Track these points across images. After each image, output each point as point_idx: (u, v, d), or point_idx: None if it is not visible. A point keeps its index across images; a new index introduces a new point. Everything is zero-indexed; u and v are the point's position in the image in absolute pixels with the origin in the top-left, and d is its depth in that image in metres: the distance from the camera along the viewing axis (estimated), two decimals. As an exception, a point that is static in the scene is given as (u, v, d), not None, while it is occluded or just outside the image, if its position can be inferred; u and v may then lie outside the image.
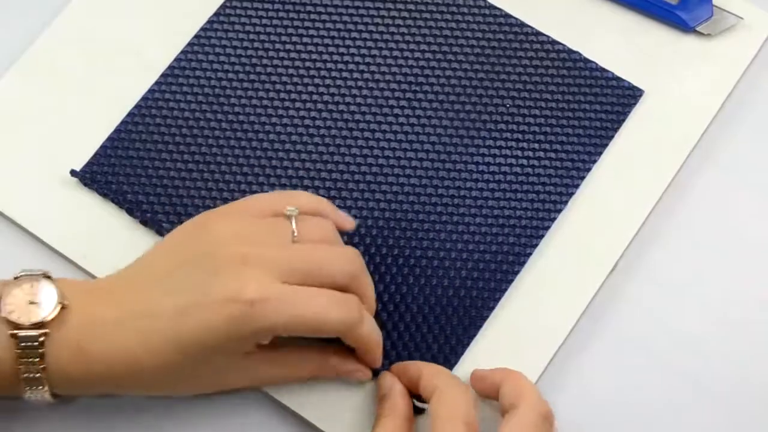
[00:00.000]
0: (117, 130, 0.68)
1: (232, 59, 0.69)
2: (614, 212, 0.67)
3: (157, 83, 0.69)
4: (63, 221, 0.66)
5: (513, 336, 0.64)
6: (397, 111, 0.68)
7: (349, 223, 0.62)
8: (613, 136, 0.68)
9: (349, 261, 0.59)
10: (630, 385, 0.64)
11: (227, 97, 0.68)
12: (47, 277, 0.58)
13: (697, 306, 0.65)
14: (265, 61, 0.69)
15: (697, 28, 0.71)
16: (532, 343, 0.64)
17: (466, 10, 0.71)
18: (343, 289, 0.58)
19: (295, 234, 0.58)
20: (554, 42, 0.70)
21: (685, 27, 0.71)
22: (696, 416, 0.63)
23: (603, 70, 0.69)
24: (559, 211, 0.66)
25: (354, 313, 0.58)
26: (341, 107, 0.68)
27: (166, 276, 0.58)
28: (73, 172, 0.66)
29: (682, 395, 0.64)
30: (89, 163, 0.67)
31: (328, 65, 0.69)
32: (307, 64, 0.69)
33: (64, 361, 0.56)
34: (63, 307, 0.56)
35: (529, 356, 0.63)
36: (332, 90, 0.69)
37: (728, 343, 0.65)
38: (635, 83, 0.70)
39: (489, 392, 0.60)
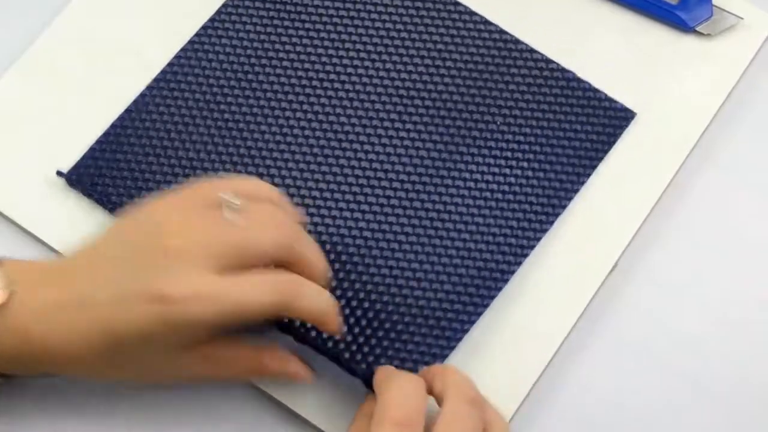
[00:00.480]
0: (106, 133, 0.67)
1: (225, 65, 0.69)
2: (614, 212, 0.67)
3: (149, 87, 0.68)
4: (62, 221, 0.66)
5: (512, 335, 0.64)
6: (387, 124, 0.68)
7: (298, 218, 0.61)
8: (602, 158, 0.68)
9: (281, 232, 0.58)
10: (629, 385, 0.64)
11: (217, 103, 0.68)
12: None
13: (696, 306, 0.65)
14: (257, 69, 0.69)
15: (697, 28, 0.71)
16: (531, 343, 0.64)
17: (461, 24, 0.71)
18: (280, 262, 0.58)
19: (236, 218, 0.57)
20: (548, 60, 0.70)
21: (684, 27, 0.71)
22: (695, 417, 0.63)
23: (596, 90, 0.69)
24: (545, 230, 0.66)
25: (285, 293, 0.57)
26: (331, 118, 0.68)
27: (109, 262, 0.57)
28: (59, 173, 0.66)
29: (681, 396, 0.64)
30: (76, 165, 0.67)
31: (321, 75, 0.69)
32: (300, 73, 0.69)
33: (9, 345, 0.56)
34: (10, 293, 0.56)
35: (528, 356, 0.64)
36: (323, 100, 0.68)
37: (728, 344, 0.65)
38: (635, 83, 0.70)
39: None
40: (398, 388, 0.57)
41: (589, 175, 0.67)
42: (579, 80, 0.69)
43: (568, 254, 0.66)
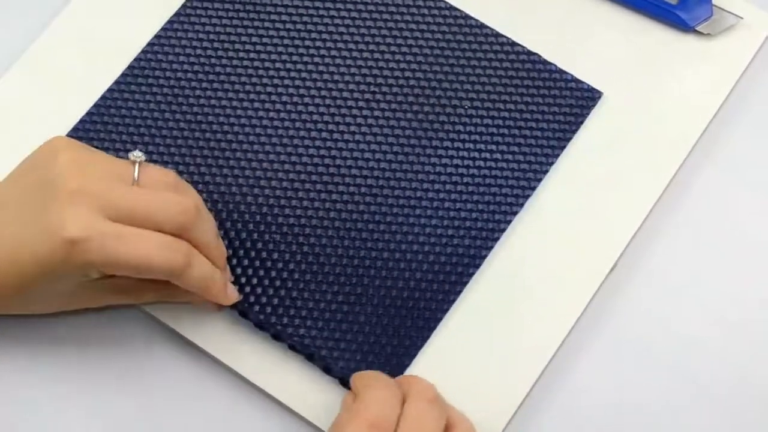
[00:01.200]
0: (75, 129, 0.68)
1: (192, 59, 0.70)
2: (614, 211, 0.67)
3: (116, 82, 0.69)
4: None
5: (512, 335, 0.64)
6: (355, 112, 0.68)
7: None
8: (570, 138, 0.68)
9: (181, 212, 0.59)
10: (629, 385, 0.64)
11: (186, 97, 0.69)
12: None
13: (696, 306, 0.65)
14: (224, 62, 0.69)
15: (697, 28, 0.71)
16: (531, 343, 0.64)
17: (426, 11, 0.71)
18: (176, 235, 0.59)
19: (136, 177, 0.59)
20: (513, 43, 0.70)
21: (684, 26, 0.71)
22: (695, 417, 0.63)
23: (562, 72, 0.69)
24: (515, 213, 0.66)
25: (178, 260, 0.58)
26: (300, 108, 0.68)
27: (13, 202, 0.58)
28: None
29: (680, 395, 0.64)
30: None
31: (287, 66, 0.69)
32: (267, 64, 0.70)
33: None
34: None
35: (528, 356, 0.64)
36: (291, 90, 0.69)
37: (727, 344, 0.65)
38: (634, 82, 0.70)
39: None
40: (375, 391, 0.58)
41: (557, 156, 0.68)
42: (545, 62, 0.70)
43: (567, 254, 0.66)
